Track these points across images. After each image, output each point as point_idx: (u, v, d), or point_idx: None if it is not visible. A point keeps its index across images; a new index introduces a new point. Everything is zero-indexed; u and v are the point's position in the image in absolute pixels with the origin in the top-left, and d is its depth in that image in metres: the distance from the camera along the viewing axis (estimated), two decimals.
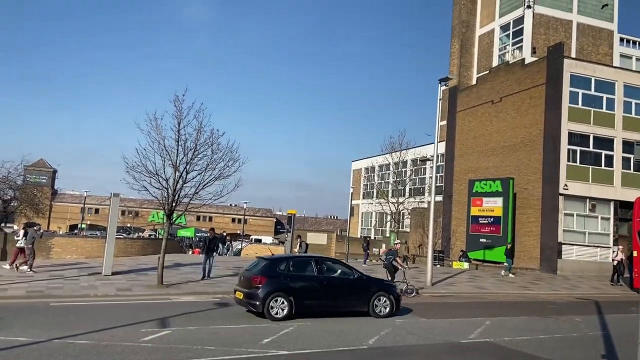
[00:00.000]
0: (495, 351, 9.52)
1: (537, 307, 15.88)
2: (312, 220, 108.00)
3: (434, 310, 14.15)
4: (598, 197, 30.15)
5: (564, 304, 17.59)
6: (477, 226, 33.05)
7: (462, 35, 46.84)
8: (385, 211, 45.24)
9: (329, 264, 13.16)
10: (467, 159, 37.22)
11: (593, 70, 31.08)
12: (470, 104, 37.73)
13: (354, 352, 8.87)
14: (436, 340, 10.18)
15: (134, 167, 15.96)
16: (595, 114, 30.49)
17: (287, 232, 18.08)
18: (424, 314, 13.34)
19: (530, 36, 40.71)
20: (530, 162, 31.24)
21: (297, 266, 12.50)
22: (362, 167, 62.30)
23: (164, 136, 16.25)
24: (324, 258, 14.00)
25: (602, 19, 43.15)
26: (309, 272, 12.40)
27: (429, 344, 9.78)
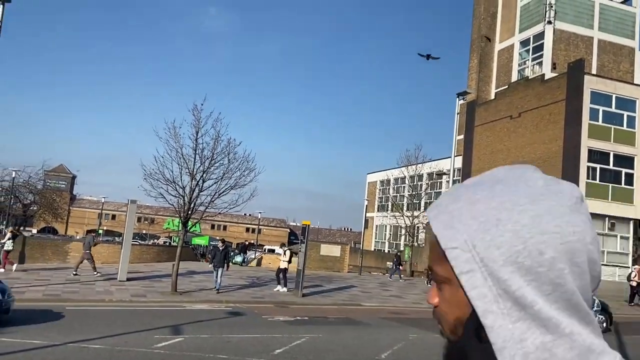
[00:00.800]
0: None
1: None
2: (325, 232, 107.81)
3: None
4: (617, 216, 29.63)
5: None
6: None
7: (481, 50, 46.70)
8: (399, 225, 44.89)
9: None
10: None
11: (614, 87, 30.72)
12: (488, 119, 37.48)
13: None
14: None
15: (152, 174, 16.17)
16: (616, 132, 30.07)
17: (301, 242, 18.03)
18: (436, 329, 13.16)
19: (551, 52, 40.44)
20: None
21: None
22: (377, 179, 62.10)
23: (182, 144, 16.49)
24: None
25: (623, 36, 42.73)
26: None
27: None
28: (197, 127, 16.61)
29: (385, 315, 15.32)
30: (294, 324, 12.36)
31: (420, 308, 17.09)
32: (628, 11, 43.43)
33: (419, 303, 18.87)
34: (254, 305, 15.23)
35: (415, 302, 18.73)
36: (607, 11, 42.66)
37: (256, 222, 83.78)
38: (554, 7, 40.47)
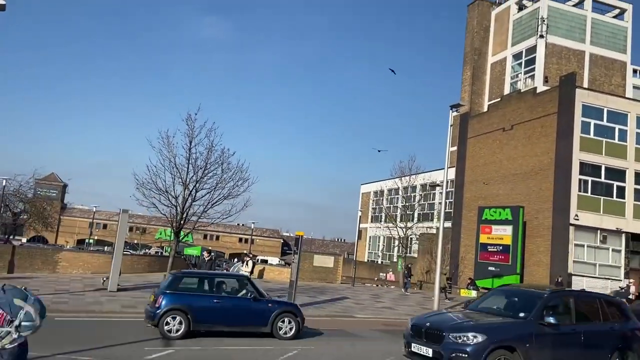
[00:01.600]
0: None
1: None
2: (319, 242, 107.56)
3: None
4: (609, 229, 29.79)
5: None
6: (486, 254, 32.69)
7: (474, 62, 47.16)
8: (393, 236, 44.88)
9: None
10: (477, 185, 37.06)
11: (605, 101, 31.05)
12: (481, 131, 37.74)
13: None
14: None
15: (144, 183, 16.11)
16: (607, 145, 30.34)
17: (294, 253, 17.93)
18: None
19: (543, 65, 40.92)
20: (541, 190, 31.02)
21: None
22: (371, 190, 62.20)
23: (175, 154, 16.47)
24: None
25: (615, 50, 43.34)
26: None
27: None
28: (190, 136, 16.62)
29: (379, 327, 15.24)
30: None
31: None
32: (620, 25, 44.10)
33: (412, 315, 18.80)
34: None
35: (408, 314, 18.63)
36: (598, 25, 43.29)
37: (249, 232, 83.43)
38: (546, 21, 41.01)
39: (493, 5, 48.22)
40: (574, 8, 43.06)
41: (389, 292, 30.70)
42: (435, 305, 20.37)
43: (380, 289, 33.63)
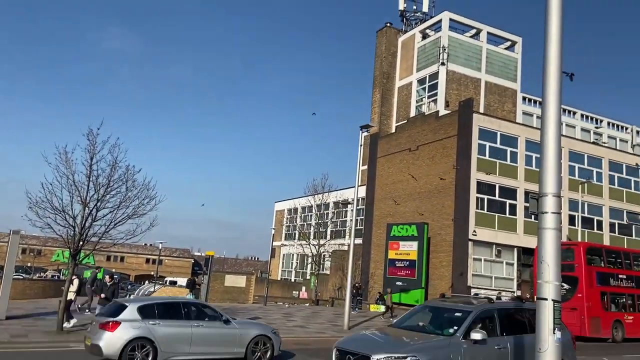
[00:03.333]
0: None
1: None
2: (232, 262, 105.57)
3: None
4: (503, 244, 32.17)
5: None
6: (393, 269, 33.90)
7: (383, 85, 49.33)
8: (306, 253, 45.28)
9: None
10: (386, 203, 38.50)
11: (499, 125, 33.75)
12: (389, 151, 39.41)
13: None
14: None
15: (38, 202, 14.96)
16: (501, 166, 32.92)
17: (204, 274, 17.48)
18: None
19: (444, 91, 43.72)
20: (444, 208, 32.88)
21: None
22: (285, 208, 62.37)
23: (74, 171, 15.47)
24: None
25: (507, 79, 47.36)
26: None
27: None
28: (92, 152, 15.72)
29: (289, 346, 15.18)
30: None
31: (322, 337, 17.18)
32: (511, 56, 48.32)
33: (322, 332, 18.99)
34: None
35: (318, 332, 18.83)
36: (492, 56, 47.14)
37: (157, 252, 79.98)
38: (446, 50, 43.99)
39: (400, 32, 50.92)
40: (471, 39, 46.60)
41: (301, 309, 30.76)
42: (346, 321, 20.77)
43: (293, 307, 33.61)
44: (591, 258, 24.34)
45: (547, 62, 6.10)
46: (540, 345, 5.41)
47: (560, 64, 6.09)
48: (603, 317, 23.17)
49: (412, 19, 51.23)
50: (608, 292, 24.04)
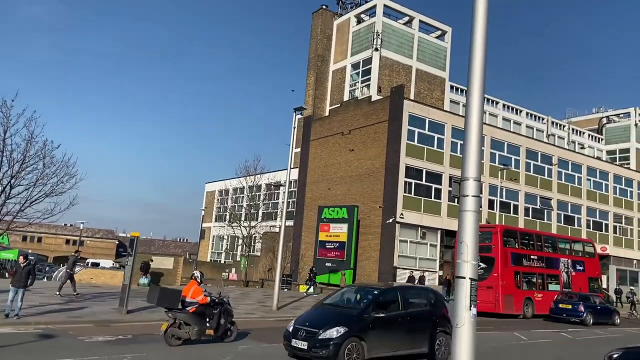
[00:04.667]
0: None
1: None
2: (159, 243, 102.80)
3: (274, 335, 14.27)
4: (428, 226, 33.57)
5: None
6: (324, 251, 34.45)
7: (317, 68, 49.33)
8: (237, 235, 44.86)
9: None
10: (318, 186, 38.87)
11: (427, 112, 34.90)
12: (322, 134, 39.67)
13: None
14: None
15: None
16: (428, 151, 34.15)
17: (129, 255, 16.89)
18: (267, 339, 13.42)
19: (377, 76, 44.44)
20: (373, 191, 33.71)
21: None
22: (216, 189, 61.31)
23: None
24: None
25: (436, 67, 48.87)
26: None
27: None
28: (5, 125, 14.65)
29: None
30: (116, 344, 11.49)
31: (251, 318, 17.21)
32: (441, 45, 49.81)
33: (251, 313, 19.00)
34: (70, 325, 13.77)
35: (247, 313, 18.83)
36: (423, 44, 48.40)
37: (78, 233, 76.25)
38: (380, 36, 44.64)
39: (335, 15, 50.96)
40: (404, 26, 47.55)
41: (230, 291, 30.56)
42: (275, 302, 20.89)
43: (222, 288, 33.32)
44: (507, 240, 26.01)
45: (473, 53, 6.35)
46: (457, 321, 5.72)
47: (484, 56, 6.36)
48: (516, 295, 24.92)
49: (348, 3, 51.37)
50: (521, 272, 25.84)
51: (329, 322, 10.26)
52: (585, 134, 66.05)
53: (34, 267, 14.82)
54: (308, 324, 10.45)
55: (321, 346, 9.84)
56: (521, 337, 17.18)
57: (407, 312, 11.32)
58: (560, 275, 27.79)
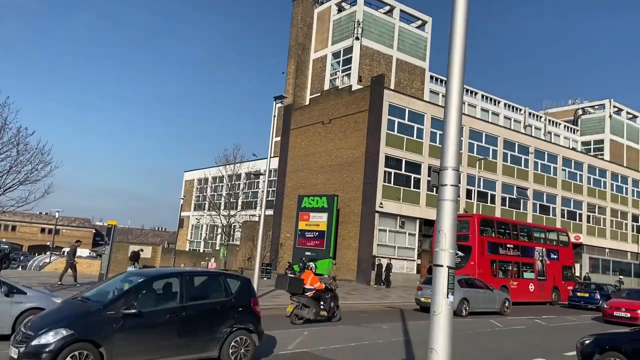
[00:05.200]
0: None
1: (351, 316, 17.07)
2: (137, 232, 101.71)
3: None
4: (407, 215, 33.88)
5: (375, 312, 19.24)
6: (303, 240, 34.52)
7: (298, 57, 49.05)
8: (216, 224, 44.60)
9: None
10: (298, 175, 38.83)
11: (407, 102, 35.05)
12: (303, 123, 39.55)
13: None
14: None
15: None
16: (408, 141, 34.35)
17: (106, 244, 16.69)
18: None
19: (358, 65, 44.42)
20: (353, 181, 33.83)
21: None
22: (195, 178, 60.79)
23: None
24: None
25: (417, 57, 49.05)
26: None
27: None
28: None
29: None
30: None
31: None
32: (421, 35, 49.98)
33: None
34: None
35: None
36: (404, 34, 48.49)
37: (54, 221, 74.93)
38: (361, 25, 44.53)
39: (316, 3, 50.63)
40: (385, 15, 47.52)
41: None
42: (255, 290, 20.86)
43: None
44: (484, 229, 26.42)
45: (453, 44, 6.36)
46: (435, 309, 5.79)
47: (464, 47, 6.38)
48: (492, 283, 25.36)
49: None
50: (497, 260, 26.31)
51: (53, 322, 7.46)
52: (561, 125, 67.25)
53: (7, 255, 14.59)
54: (30, 325, 7.65)
55: (33, 355, 7.04)
56: (496, 324, 17.54)
57: (187, 305, 8.39)
58: (535, 264, 28.37)
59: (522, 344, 13.52)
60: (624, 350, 8.81)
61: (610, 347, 9.05)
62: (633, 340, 8.92)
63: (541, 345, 13.56)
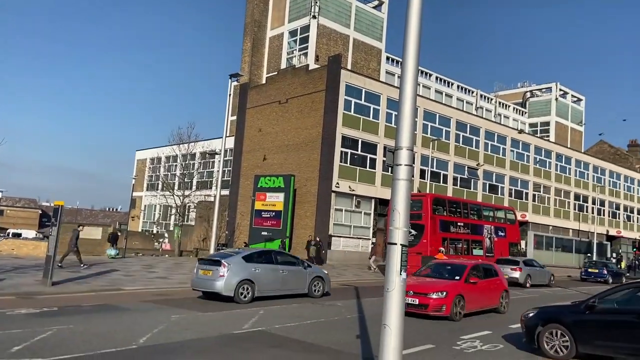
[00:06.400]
0: (266, 339, 10.05)
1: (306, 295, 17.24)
2: (86, 213, 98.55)
3: (209, 305, 14.24)
4: (363, 195, 34.33)
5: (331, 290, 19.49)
6: (260, 220, 34.42)
7: (254, 34, 48.14)
8: (170, 204, 43.74)
9: None
10: (255, 154, 38.49)
11: (364, 83, 35.19)
12: (259, 102, 39.07)
13: (120, 354, 8.37)
14: (210, 333, 10.28)
15: None
16: (364, 122, 34.61)
17: (53, 225, 16.08)
18: (200, 309, 13.36)
19: (315, 44, 44.08)
20: (310, 161, 33.87)
21: None
22: (147, 157, 59.20)
23: None
24: None
25: (373, 38, 49.13)
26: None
27: (202, 338, 9.82)
28: None
29: (149, 298, 14.82)
30: (40, 317, 11.01)
31: (184, 288, 17.02)
32: (378, 16, 50.00)
33: (184, 283, 18.75)
34: None
35: (181, 282, 18.58)
36: (361, 14, 48.39)
37: None
38: (318, 3, 44.09)
39: None
40: None
41: (163, 261, 30.00)
42: None
43: (155, 258, 32.63)
44: (436, 208, 27.15)
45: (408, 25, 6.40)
46: (389, 286, 5.93)
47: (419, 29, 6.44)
48: None
49: None
50: (448, 238, 27.17)
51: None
52: (510, 107, 69.39)
53: None
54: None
55: None
56: None
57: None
58: (484, 241, 29.49)
59: (470, 318, 14.07)
60: (565, 322, 9.32)
61: (552, 319, 9.55)
62: (573, 312, 9.44)
63: (487, 318, 14.17)
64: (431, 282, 14.02)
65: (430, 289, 13.30)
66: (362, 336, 10.74)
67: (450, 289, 13.33)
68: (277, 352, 8.98)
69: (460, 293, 13.46)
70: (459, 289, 13.54)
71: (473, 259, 27.92)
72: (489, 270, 15.72)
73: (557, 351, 9.31)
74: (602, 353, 9.02)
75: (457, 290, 13.41)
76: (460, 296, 13.38)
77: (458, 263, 15.69)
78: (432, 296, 13.04)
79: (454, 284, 13.70)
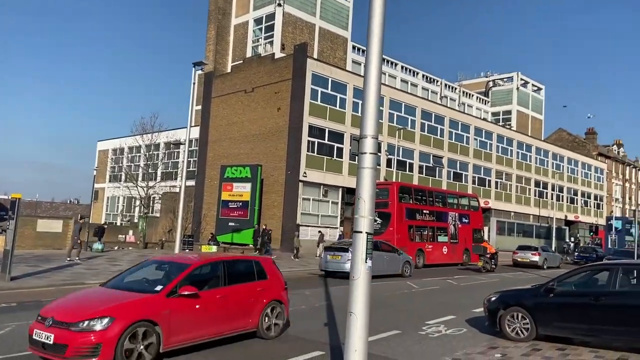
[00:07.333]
0: None
1: None
2: (47, 206, 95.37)
3: None
4: (330, 184, 34.44)
5: (298, 279, 19.56)
6: (227, 210, 34.13)
7: (218, 22, 47.36)
8: (134, 196, 42.81)
9: None
10: (221, 144, 38.04)
11: (330, 72, 35.16)
12: (225, 91, 38.55)
13: None
14: None
15: None
16: (331, 111, 34.63)
17: (10, 219, 15.51)
18: None
19: (280, 33, 43.71)
20: (277, 150, 33.71)
21: None
22: (109, 148, 57.70)
23: None
24: None
25: (339, 27, 49.07)
26: None
27: None
28: None
29: None
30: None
31: None
32: (344, 4, 49.91)
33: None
34: None
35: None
36: (327, 2, 48.20)
37: None
38: None
39: None
40: None
41: (127, 253, 29.40)
42: None
43: (119, 251, 31.93)
44: (402, 196, 27.52)
45: (372, 14, 6.39)
46: (354, 274, 5.97)
47: (383, 18, 6.44)
48: (409, 247, 26.63)
49: None
50: (414, 226, 27.60)
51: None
52: (473, 96, 70.72)
53: None
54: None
55: None
56: (413, 286, 18.50)
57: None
58: (449, 228, 30.10)
59: (436, 303, 14.38)
60: (526, 305, 9.62)
61: (513, 302, 9.84)
62: (534, 295, 9.74)
63: (452, 303, 14.51)
64: (95, 299, 7.56)
65: (80, 313, 6.85)
66: (329, 324, 10.81)
67: (121, 312, 6.89)
68: (247, 343, 8.94)
69: (149, 318, 7.03)
70: (148, 311, 7.10)
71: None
72: (243, 269, 9.26)
73: (518, 333, 9.60)
74: (560, 334, 9.36)
75: (139, 314, 6.99)
76: (148, 324, 7.00)
77: (180, 260, 8.75)
78: (76, 328, 6.65)
79: (140, 300, 7.27)
